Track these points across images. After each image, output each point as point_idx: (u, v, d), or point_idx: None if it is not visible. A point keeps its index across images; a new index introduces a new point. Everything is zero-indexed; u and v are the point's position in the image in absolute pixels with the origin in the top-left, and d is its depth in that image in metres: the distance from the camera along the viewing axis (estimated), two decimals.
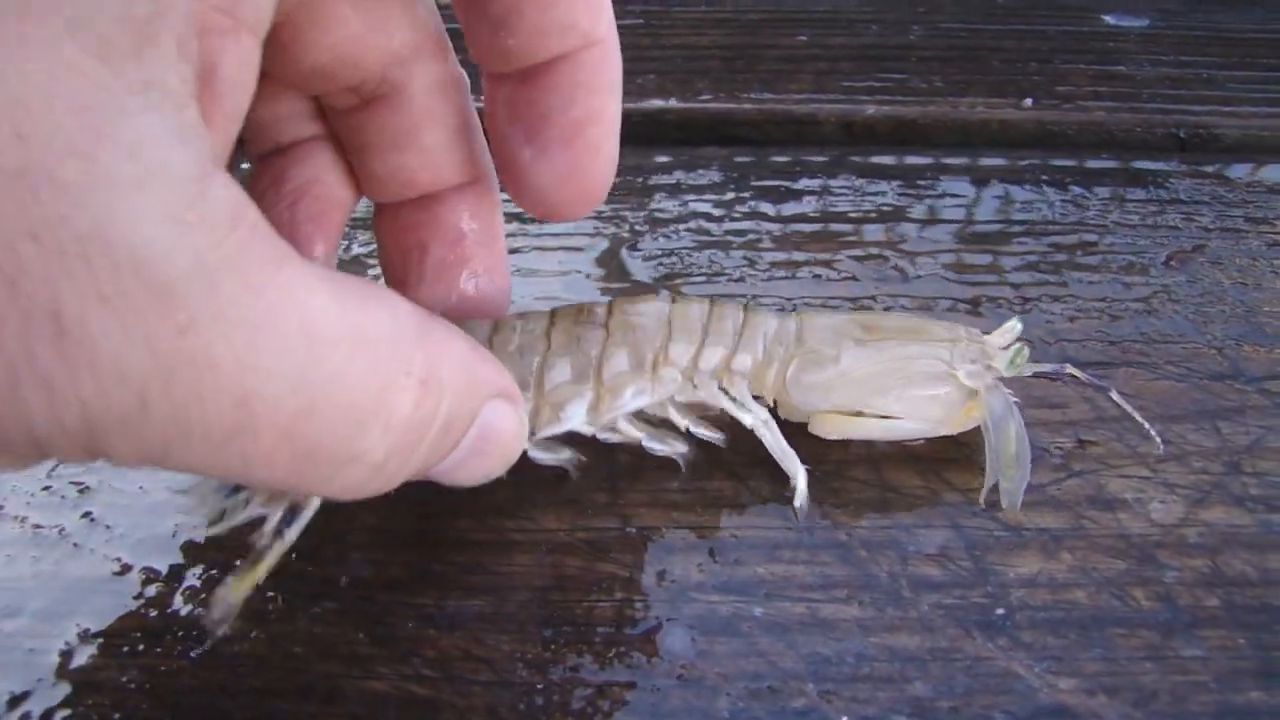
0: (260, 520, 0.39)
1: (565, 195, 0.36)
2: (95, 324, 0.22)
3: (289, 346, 0.25)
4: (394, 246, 0.41)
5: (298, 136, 0.40)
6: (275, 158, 0.40)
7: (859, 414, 0.43)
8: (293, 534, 0.38)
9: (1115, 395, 0.43)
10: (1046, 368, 0.44)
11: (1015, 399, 0.42)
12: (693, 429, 0.43)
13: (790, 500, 0.42)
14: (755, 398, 0.44)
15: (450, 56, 0.38)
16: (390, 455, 0.29)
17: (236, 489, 0.40)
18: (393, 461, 0.30)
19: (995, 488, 0.41)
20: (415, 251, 0.41)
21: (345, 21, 0.34)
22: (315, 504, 0.39)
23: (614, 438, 0.43)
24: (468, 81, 0.39)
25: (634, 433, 0.43)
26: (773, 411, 0.44)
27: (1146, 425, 0.43)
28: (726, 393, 0.43)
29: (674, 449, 0.43)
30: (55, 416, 0.23)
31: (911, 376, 0.43)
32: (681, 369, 0.43)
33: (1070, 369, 0.44)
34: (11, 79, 0.21)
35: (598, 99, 0.36)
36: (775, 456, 0.42)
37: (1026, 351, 0.43)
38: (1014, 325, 0.44)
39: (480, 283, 0.41)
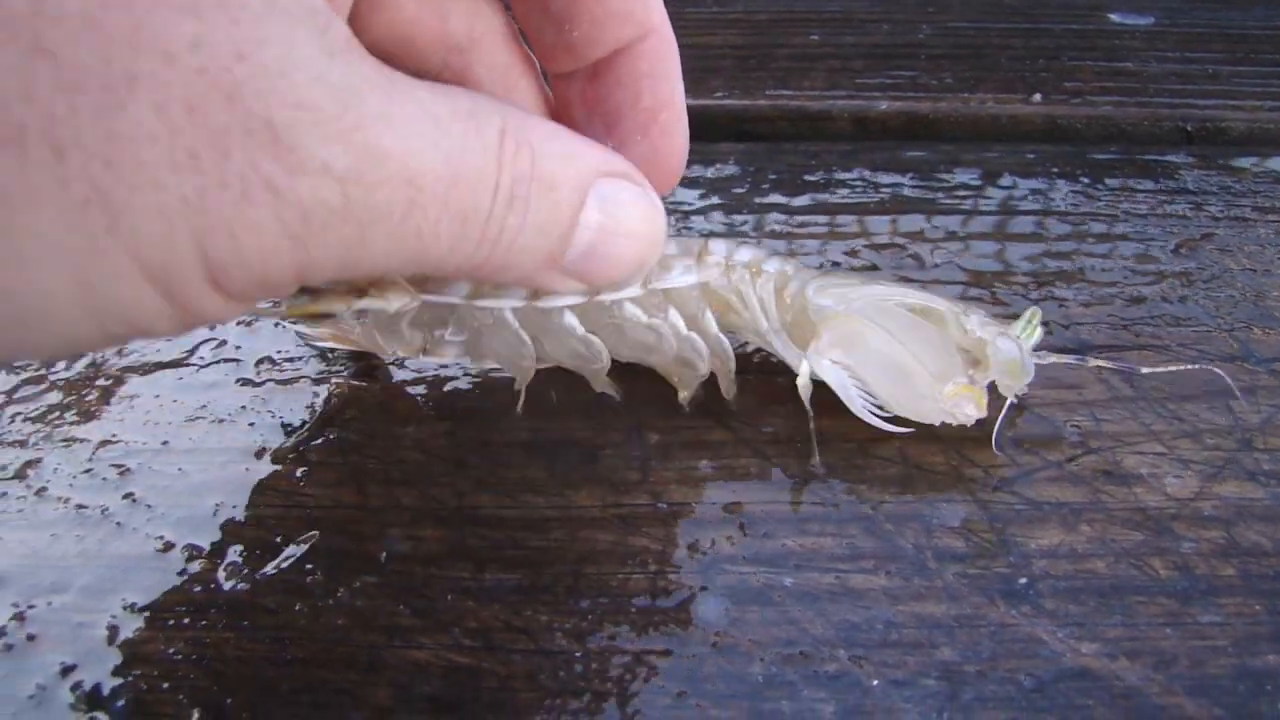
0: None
1: (649, 179, 0.37)
2: (300, 128, 0.26)
3: (425, 130, 0.28)
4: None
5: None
6: None
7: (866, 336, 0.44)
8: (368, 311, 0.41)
9: (1146, 369, 0.45)
10: (1068, 358, 0.45)
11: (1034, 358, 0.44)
12: (719, 332, 0.45)
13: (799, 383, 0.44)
14: None
15: (518, 44, 0.39)
16: (507, 211, 0.31)
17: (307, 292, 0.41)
18: (512, 218, 0.31)
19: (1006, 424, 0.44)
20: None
21: (402, 4, 0.36)
22: (389, 305, 0.41)
23: (650, 358, 0.46)
24: (539, 65, 0.40)
25: (670, 337, 0.44)
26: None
27: (1185, 364, 0.46)
28: (751, 276, 0.45)
29: (698, 370, 0.45)
30: (281, 220, 0.26)
31: (926, 326, 0.44)
32: (721, 257, 0.45)
33: (1094, 360, 0.45)
34: None
35: (665, 86, 0.38)
36: (778, 350, 0.45)
37: (1040, 317, 0.45)
38: (1034, 311, 0.45)
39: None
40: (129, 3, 0.24)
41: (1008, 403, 0.44)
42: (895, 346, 0.43)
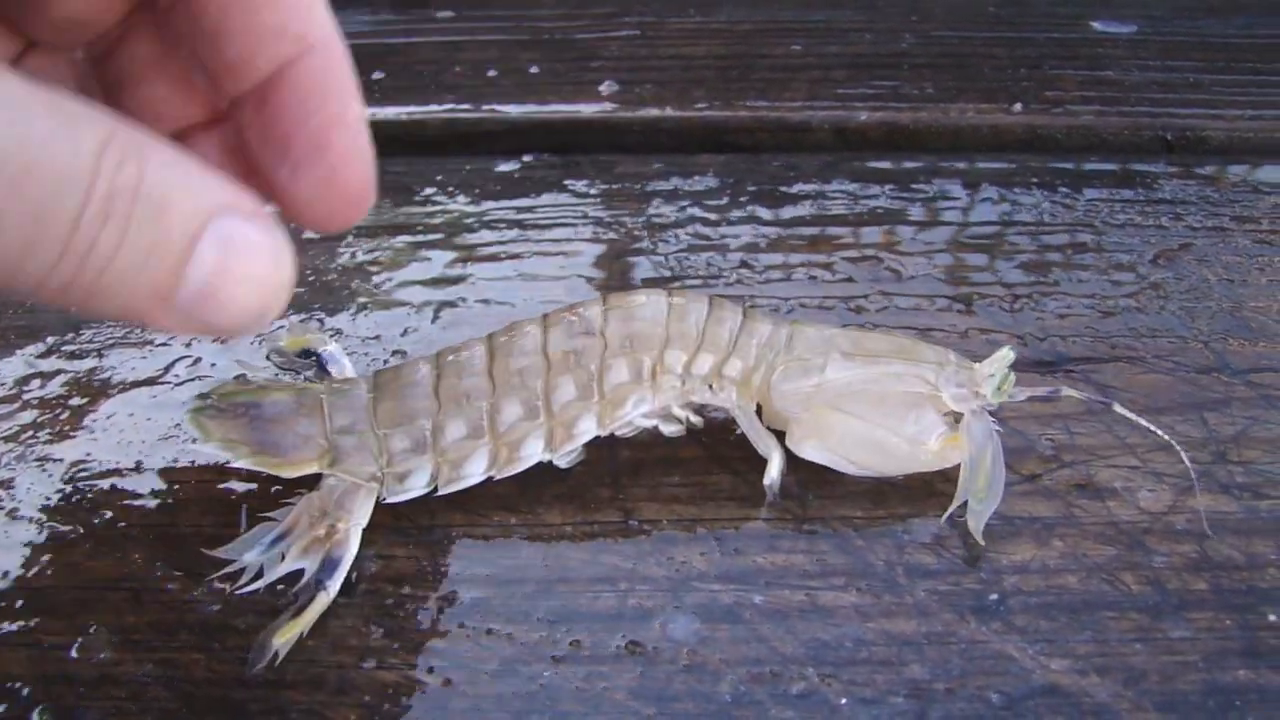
0: (299, 573, 0.40)
1: (331, 205, 0.36)
2: None
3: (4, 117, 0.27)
4: None
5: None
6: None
7: (835, 426, 0.43)
8: (334, 586, 0.40)
9: (1119, 408, 0.44)
10: (1041, 391, 0.44)
11: (998, 427, 0.43)
12: (691, 417, 0.45)
13: (765, 483, 0.43)
14: None
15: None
16: (102, 222, 0.29)
17: (273, 543, 0.41)
18: (107, 232, 0.29)
19: (963, 508, 0.42)
20: None
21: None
22: (351, 555, 0.41)
23: (627, 431, 0.45)
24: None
25: (646, 424, 0.45)
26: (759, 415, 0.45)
27: (1160, 432, 0.43)
28: (711, 388, 0.45)
29: (681, 427, 0.45)
30: None
31: (893, 392, 0.43)
32: (677, 375, 0.44)
33: (1067, 390, 0.44)
34: None
35: (333, 102, 0.36)
36: (751, 438, 0.44)
37: (1014, 378, 0.43)
38: (1006, 354, 0.43)
39: None
40: None
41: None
42: (867, 427, 0.43)
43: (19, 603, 0.40)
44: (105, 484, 0.45)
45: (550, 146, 0.66)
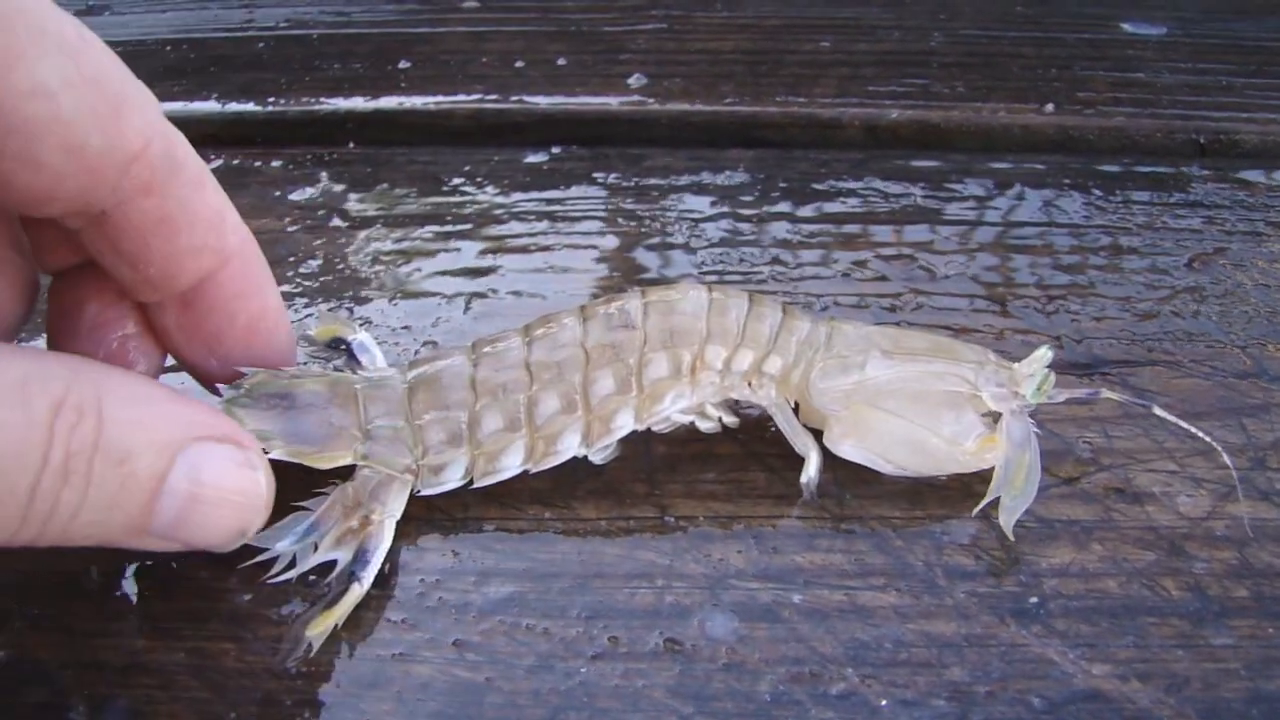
0: (331, 564, 0.40)
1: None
2: None
3: None
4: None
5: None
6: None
7: (874, 425, 0.43)
8: (368, 577, 0.39)
9: (1159, 411, 0.43)
10: (1080, 393, 0.44)
11: (1036, 429, 0.42)
12: (724, 419, 0.45)
13: (802, 481, 0.43)
14: None
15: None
16: (60, 485, 0.29)
17: (307, 533, 0.40)
18: (67, 493, 0.30)
19: (995, 504, 0.41)
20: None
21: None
22: (385, 547, 0.40)
23: (663, 426, 0.44)
24: None
25: (683, 419, 0.44)
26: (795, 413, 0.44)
27: (1202, 434, 0.43)
28: (750, 385, 0.44)
29: (719, 424, 0.45)
30: None
31: (933, 391, 0.43)
32: (717, 371, 0.44)
33: (1106, 393, 0.43)
34: None
35: (256, 302, 0.39)
36: (788, 437, 0.43)
37: (1053, 378, 0.43)
38: (1044, 353, 0.43)
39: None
40: None
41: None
42: (906, 425, 0.43)
43: (50, 588, 0.40)
44: None
45: (578, 139, 0.66)
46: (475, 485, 0.42)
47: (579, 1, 0.80)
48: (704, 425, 0.44)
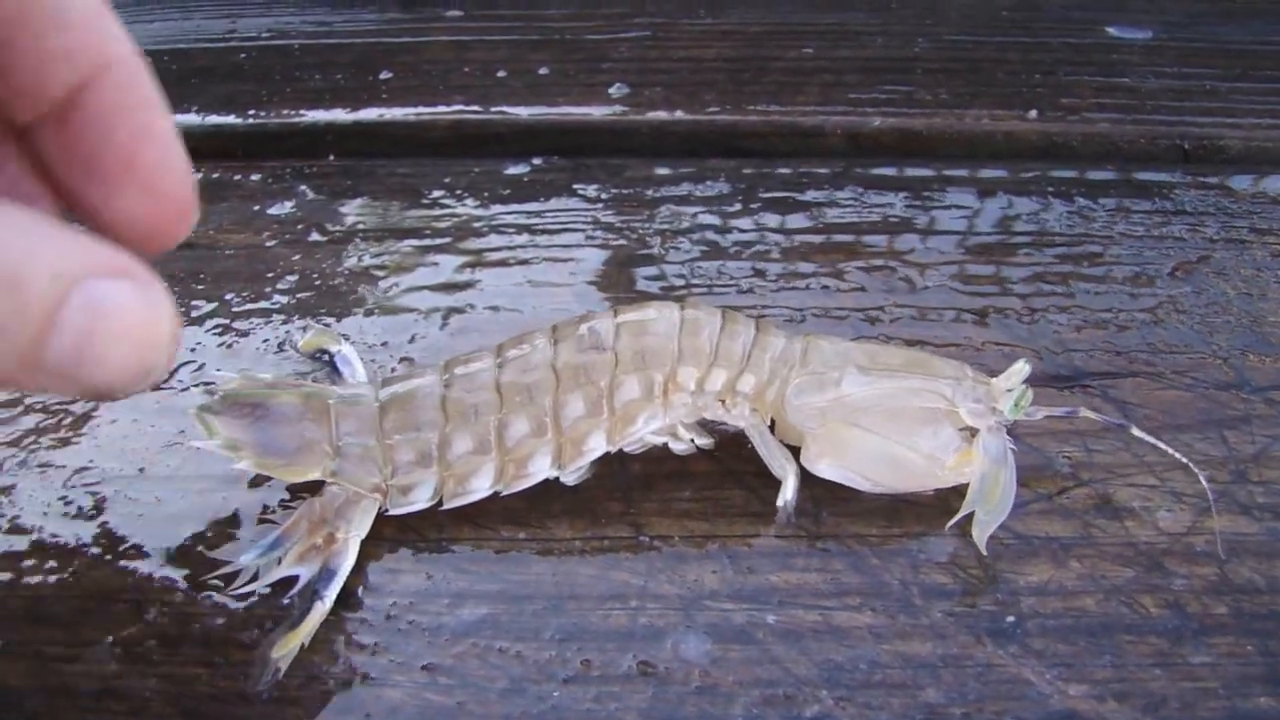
0: (293, 580, 0.40)
1: (151, 223, 0.34)
2: None
3: None
4: None
5: None
6: None
7: (851, 442, 0.43)
8: (330, 595, 0.39)
9: (1136, 431, 0.43)
10: (1058, 411, 0.43)
11: (1013, 446, 0.42)
12: (697, 440, 0.44)
13: (778, 504, 0.42)
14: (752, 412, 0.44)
15: None
16: None
17: (271, 547, 0.40)
18: None
19: (969, 518, 0.41)
20: None
21: None
22: (348, 565, 0.40)
23: (635, 447, 0.44)
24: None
25: (655, 440, 0.44)
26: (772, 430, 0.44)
27: (1178, 455, 0.42)
28: (724, 404, 0.44)
29: (693, 445, 0.44)
30: None
31: (910, 407, 0.42)
32: (690, 391, 0.43)
33: (1085, 412, 0.43)
34: None
35: (140, 115, 0.35)
36: (764, 458, 0.43)
37: (1030, 394, 0.42)
38: (1022, 368, 0.42)
39: None
40: None
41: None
42: (883, 442, 0.42)
43: (19, 612, 0.40)
44: (108, 491, 0.44)
45: (559, 149, 0.65)
46: (444, 507, 0.42)
47: (562, 9, 0.80)
48: (677, 447, 0.44)
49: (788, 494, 0.42)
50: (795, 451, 0.43)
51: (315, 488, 0.42)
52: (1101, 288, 0.54)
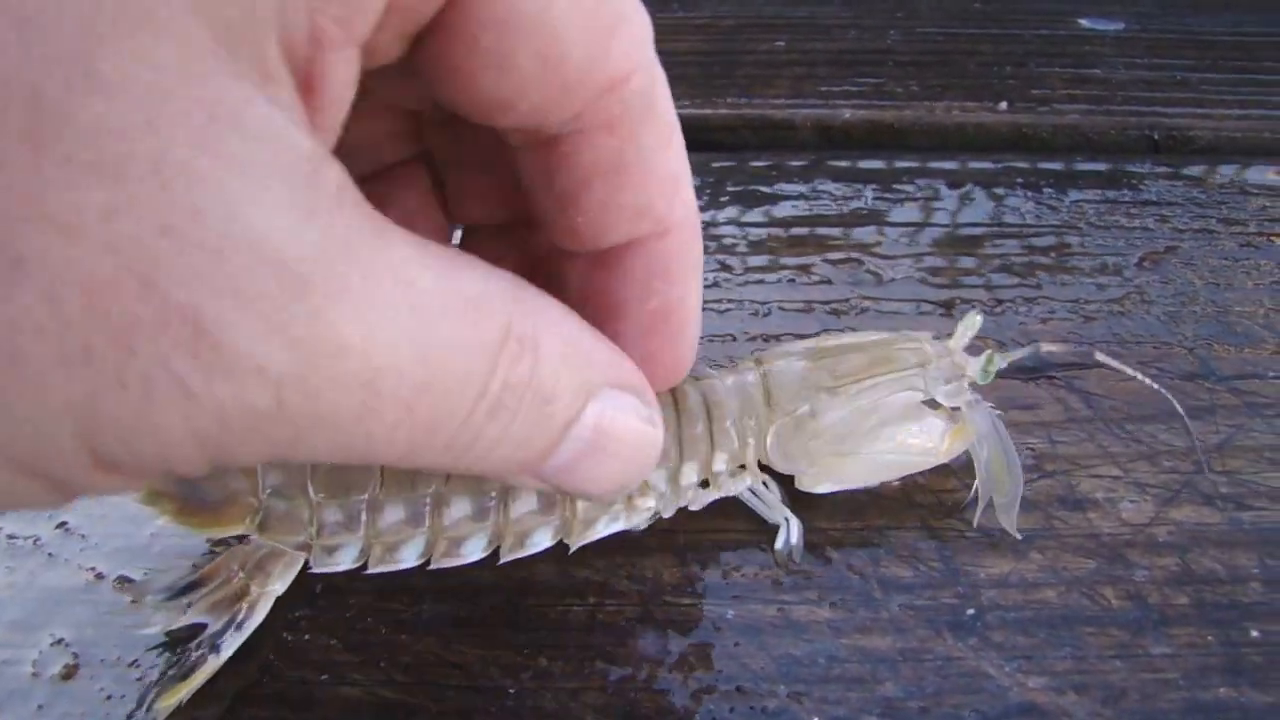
0: (200, 628, 0.38)
1: (643, 366, 0.33)
2: (233, 321, 0.21)
3: (402, 319, 0.24)
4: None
5: (396, 158, 0.37)
6: (372, 183, 0.36)
7: (847, 467, 0.42)
8: (227, 650, 0.37)
9: (1100, 355, 0.43)
10: (1020, 353, 0.43)
11: (997, 412, 0.42)
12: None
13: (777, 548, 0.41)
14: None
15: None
16: (489, 419, 0.26)
17: (183, 591, 0.39)
18: (492, 428, 0.27)
19: (989, 507, 0.41)
20: None
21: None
22: (255, 622, 0.38)
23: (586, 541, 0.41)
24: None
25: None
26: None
27: (1139, 375, 0.43)
28: (706, 486, 0.42)
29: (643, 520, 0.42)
30: (191, 425, 0.22)
31: (892, 415, 0.42)
32: (661, 494, 0.41)
33: (1044, 346, 0.43)
34: (143, 62, 0.20)
35: (677, 289, 0.34)
36: (760, 513, 0.42)
37: (996, 356, 0.42)
38: (973, 320, 0.42)
39: None
40: (32, 162, 0.19)
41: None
42: (877, 456, 0.42)
43: None
44: None
45: None
46: (370, 571, 0.40)
47: None
48: (634, 520, 0.41)
49: (793, 539, 0.41)
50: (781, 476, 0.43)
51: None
52: (1069, 278, 0.53)
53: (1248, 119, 0.65)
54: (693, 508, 0.41)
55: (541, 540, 0.40)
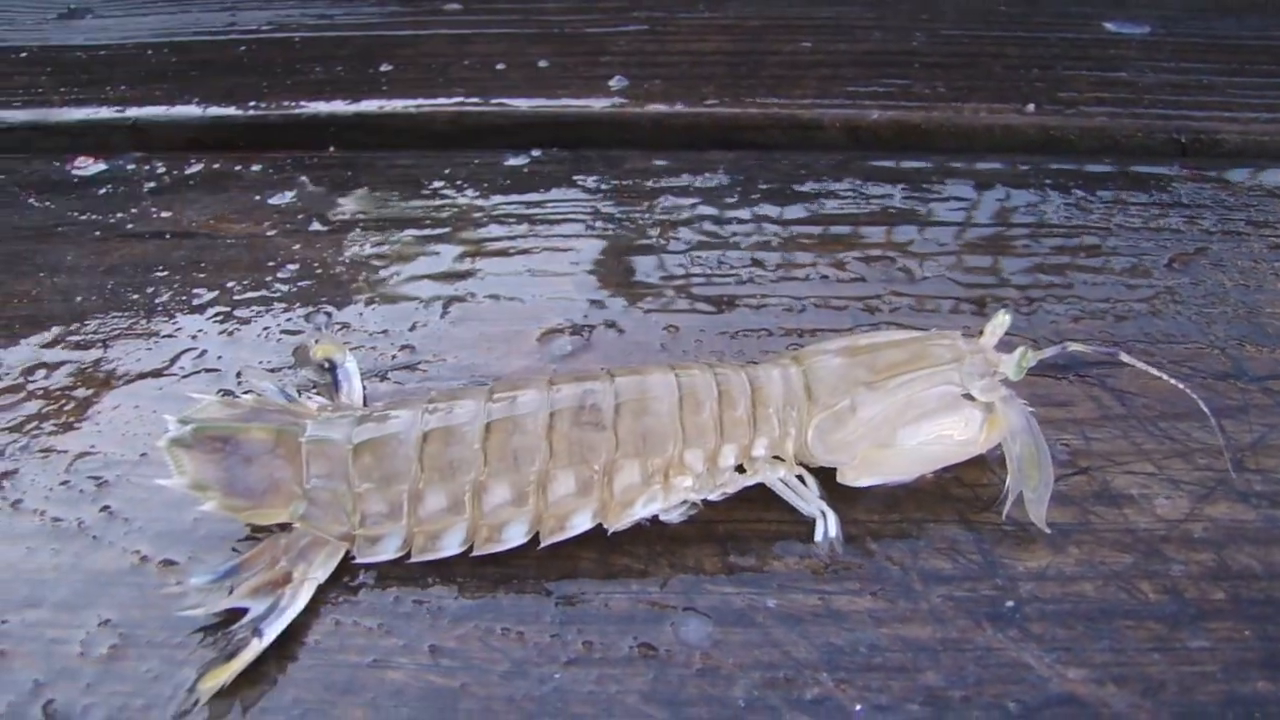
0: (242, 612, 0.39)
1: None
2: None
3: None
4: None
5: None
6: None
7: (888, 459, 0.42)
8: (270, 634, 0.38)
9: (1125, 356, 0.43)
10: (1049, 352, 0.43)
11: (1030, 409, 0.42)
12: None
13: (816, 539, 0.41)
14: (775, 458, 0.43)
15: None
16: None
17: (224, 575, 0.39)
18: None
19: (1019, 500, 0.41)
20: None
21: None
22: (298, 607, 0.39)
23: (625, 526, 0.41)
24: None
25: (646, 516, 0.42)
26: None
27: (1165, 375, 0.43)
28: (742, 470, 0.42)
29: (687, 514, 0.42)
30: None
31: (929, 408, 0.42)
32: (697, 474, 0.42)
33: (1072, 345, 0.43)
34: None
35: None
36: (795, 506, 0.42)
37: (1030, 352, 0.42)
38: (1003, 319, 0.43)
39: None
40: None
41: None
42: (918, 448, 0.42)
43: (23, 595, 0.40)
44: (109, 476, 0.44)
45: (559, 141, 0.66)
46: (412, 559, 0.40)
47: (561, 3, 0.80)
48: (669, 517, 0.42)
49: (831, 531, 0.41)
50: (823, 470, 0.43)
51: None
52: (1099, 278, 0.54)
53: (1275, 122, 0.65)
54: (728, 491, 0.42)
55: (581, 523, 0.40)
